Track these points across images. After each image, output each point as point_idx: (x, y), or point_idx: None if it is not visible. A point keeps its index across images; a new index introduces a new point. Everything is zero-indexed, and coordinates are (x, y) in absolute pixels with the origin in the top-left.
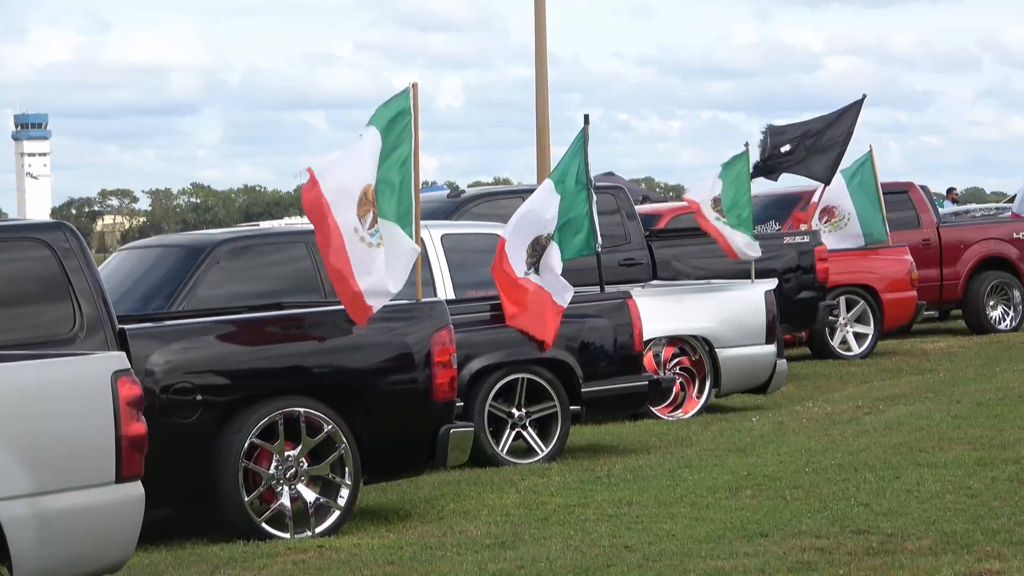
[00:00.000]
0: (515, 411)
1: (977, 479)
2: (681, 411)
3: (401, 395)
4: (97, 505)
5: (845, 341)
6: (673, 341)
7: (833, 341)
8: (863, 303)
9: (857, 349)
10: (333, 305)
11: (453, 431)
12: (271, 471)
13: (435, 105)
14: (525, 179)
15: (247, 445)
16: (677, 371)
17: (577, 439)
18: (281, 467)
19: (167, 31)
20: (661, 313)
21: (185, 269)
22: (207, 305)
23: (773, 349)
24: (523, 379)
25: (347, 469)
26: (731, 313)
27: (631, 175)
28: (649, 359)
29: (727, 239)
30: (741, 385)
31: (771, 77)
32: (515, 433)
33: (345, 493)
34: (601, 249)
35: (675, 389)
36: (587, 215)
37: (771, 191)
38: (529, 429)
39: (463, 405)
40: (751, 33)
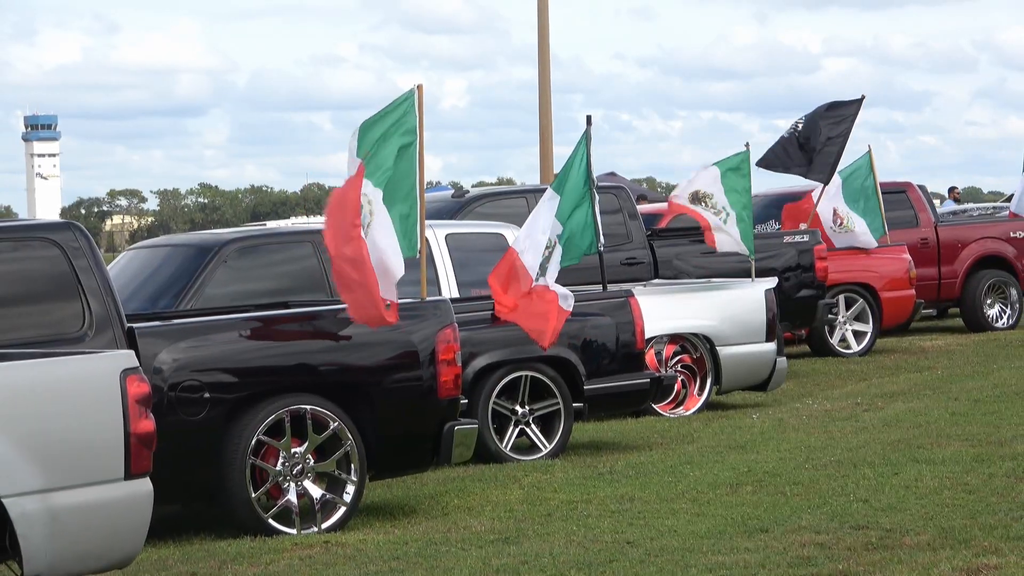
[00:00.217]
0: (519, 408)
1: (974, 475)
2: (682, 408)
3: (406, 392)
4: (106, 501)
5: (844, 339)
6: (674, 339)
7: (832, 339)
8: (862, 301)
9: (856, 347)
10: (339, 304)
11: (457, 428)
12: (278, 467)
13: (439, 106)
14: (528, 179)
15: (254, 442)
16: (678, 369)
17: (580, 436)
18: (288, 464)
19: (175, 33)
20: (663, 311)
21: (193, 268)
22: (215, 304)
23: (773, 347)
24: (526, 377)
25: (353, 465)
26: (732, 311)
27: (633, 175)
28: (651, 357)
29: (712, 227)
30: (742, 382)
31: (770, 78)
32: (518, 430)
33: (351, 489)
34: (603, 248)
35: (676, 386)
36: (590, 215)
37: (771, 191)
38: (532, 426)
39: (467, 402)
40: (751, 34)
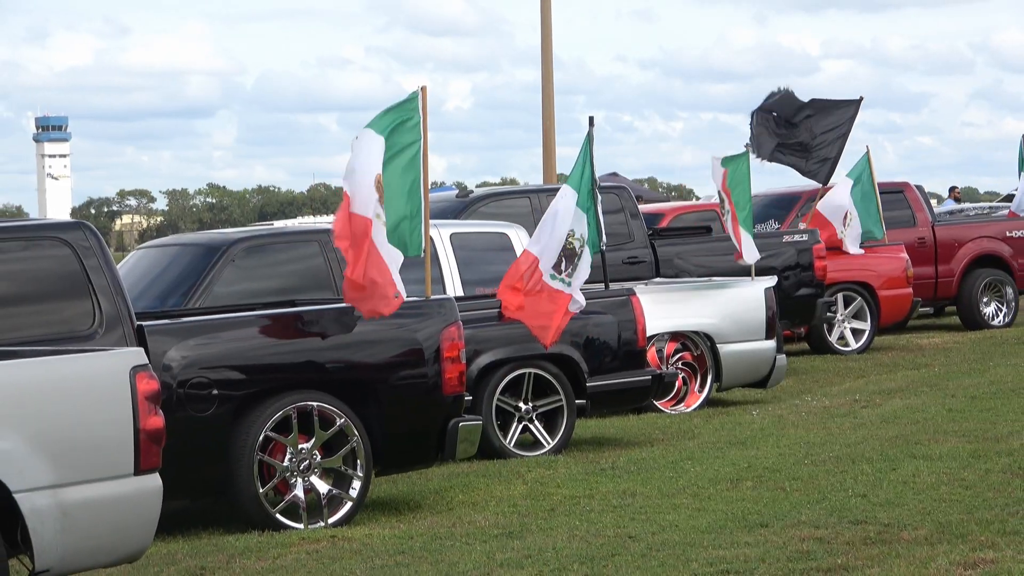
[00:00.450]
0: (522, 405)
1: (971, 471)
2: (683, 405)
3: (411, 389)
4: (116, 496)
5: (843, 337)
6: (675, 337)
7: (831, 337)
8: (860, 300)
9: (854, 344)
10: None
11: (462, 424)
12: (285, 463)
13: (444, 107)
14: (531, 179)
15: (262, 438)
16: (679, 366)
17: (582, 432)
18: (295, 459)
19: (184, 36)
20: (664, 310)
21: (201, 267)
22: (223, 302)
23: (773, 345)
24: (530, 374)
25: (359, 461)
26: (732, 309)
27: (634, 175)
28: (652, 354)
29: (741, 240)
30: (742, 379)
31: (770, 79)
32: (522, 426)
33: (357, 485)
34: (606, 247)
35: (677, 383)
36: (593, 216)
37: (771, 191)
38: (536, 422)
39: (472, 399)
40: (750, 37)
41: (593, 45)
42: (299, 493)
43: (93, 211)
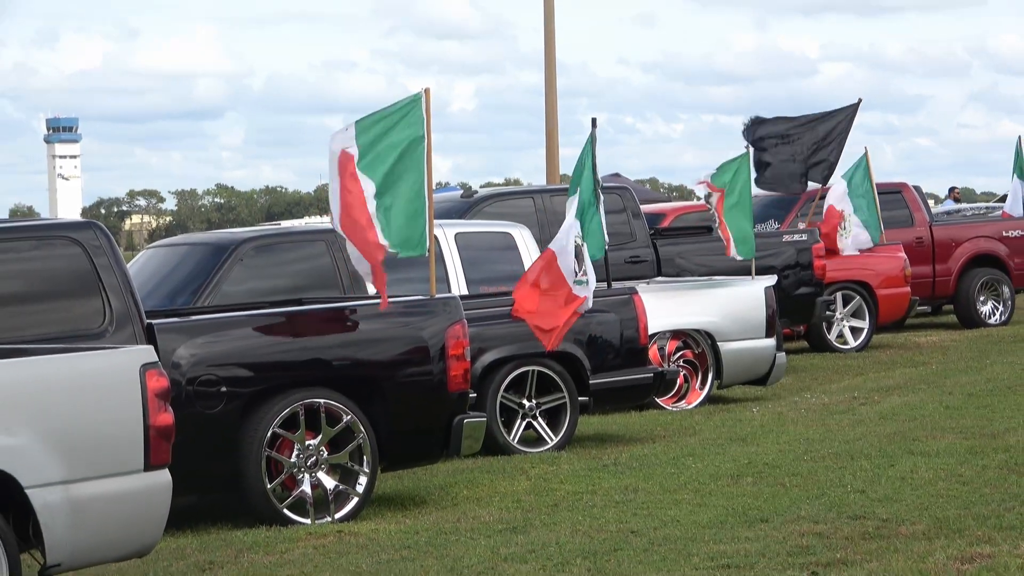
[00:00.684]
0: (526, 402)
1: (968, 467)
2: (685, 402)
3: (417, 386)
4: (127, 492)
5: (842, 335)
6: (677, 335)
7: (830, 335)
8: (859, 299)
9: (853, 343)
10: (352, 301)
11: (467, 421)
12: (292, 459)
13: (449, 109)
14: (535, 179)
15: (269, 435)
16: (681, 364)
17: (585, 429)
18: (302, 456)
19: (192, 38)
20: (665, 308)
21: (210, 266)
22: (231, 301)
23: (773, 342)
24: (534, 371)
25: (365, 457)
26: (732, 308)
27: (636, 176)
28: (654, 352)
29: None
30: (742, 377)
31: (770, 82)
32: (526, 423)
33: (363, 480)
34: (608, 247)
35: (679, 381)
36: (595, 217)
37: (771, 191)
38: (539, 419)
39: (476, 396)
40: (750, 40)
41: (595, 48)
42: (306, 489)
43: (103, 211)
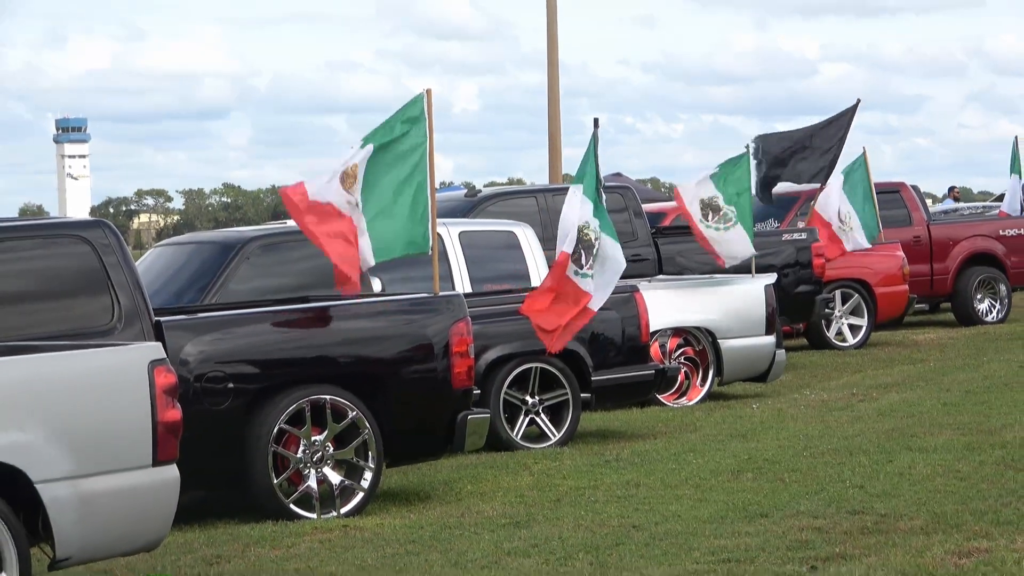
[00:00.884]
0: (529, 398)
1: (966, 463)
2: (686, 399)
3: (421, 383)
4: (135, 487)
5: (840, 332)
6: (678, 332)
7: (829, 332)
8: (857, 297)
9: (852, 340)
10: (357, 299)
11: (470, 417)
12: (299, 455)
13: (451, 110)
14: (537, 179)
15: (276, 430)
16: (682, 361)
17: (587, 425)
18: (308, 451)
19: (199, 39)
20: (667, 306)
21: (217, 265)
22: (238, 298)
23: (772, 340)
24: (536, 368)
25: (370, 453)
26: (733, 306)
27: (637, 175)
28: (655, 349)
29: (713, 245)
30: (742, 374)
31: (769, 82)
32: (529, 419)
33: (368, 476)
34: None
35: (680, 378)
36: (602, 212)
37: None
38: (542, 415)
39: (480, 393)
40: (750, 41)
41: (597, 49)
42: (312, 484)
43: (112, 210)
